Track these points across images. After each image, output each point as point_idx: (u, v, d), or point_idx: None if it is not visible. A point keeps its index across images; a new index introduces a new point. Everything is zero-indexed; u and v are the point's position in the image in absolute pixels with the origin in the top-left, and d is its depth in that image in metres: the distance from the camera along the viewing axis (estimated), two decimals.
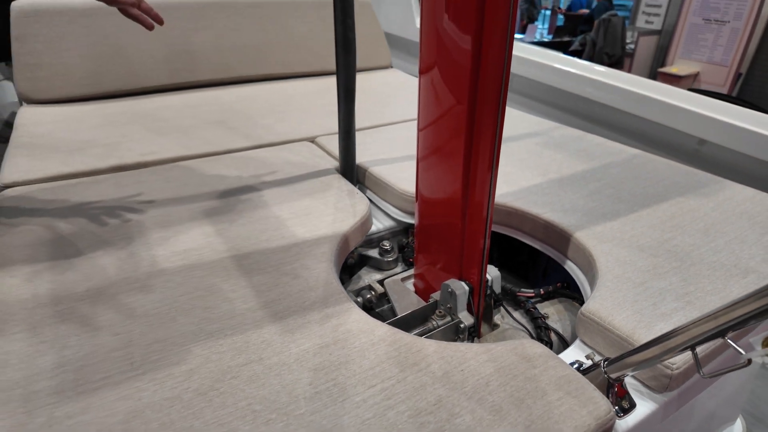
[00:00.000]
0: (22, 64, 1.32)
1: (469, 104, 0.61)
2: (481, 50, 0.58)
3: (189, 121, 1.25)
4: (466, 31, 0.57)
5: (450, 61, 0.61)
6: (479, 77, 0.60)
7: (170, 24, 1.52)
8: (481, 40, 0.57)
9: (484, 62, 0.58)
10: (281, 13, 1.71)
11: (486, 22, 0.56)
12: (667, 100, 1.35)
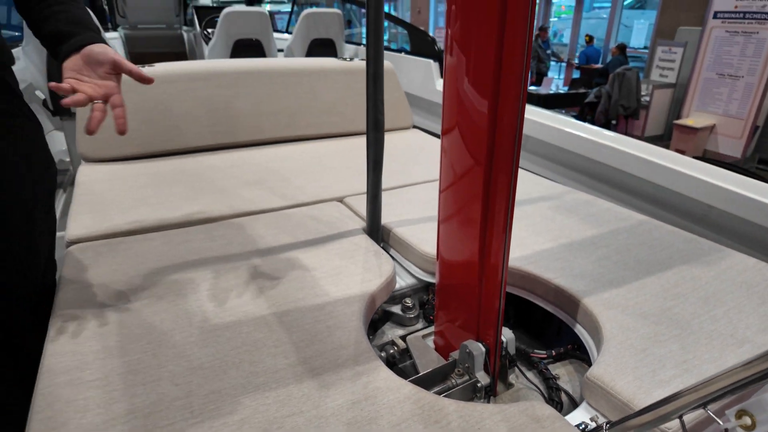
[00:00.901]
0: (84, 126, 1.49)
1: (486, 166, 0.67)
2: (497, 113, 0.64)
3: (230, 181, 1.38)
4: (484, 95, 0.64)
5: (469, 123, 0.67)
6: (495, 139, 0.66)
7: (213, 91, 1.70)
8: (497, 103, 0.64)
9: (500, 124, 0.65)
10: (311, 80, 1.88)
11: (502, 86, 0.63)
12: (676, 168, 1.43)
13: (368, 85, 0.97)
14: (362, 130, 1.95)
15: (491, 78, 0.63)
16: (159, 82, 1.61)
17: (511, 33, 0.61)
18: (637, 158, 1.53)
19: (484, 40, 0.62)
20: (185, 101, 1.64)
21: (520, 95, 0.63)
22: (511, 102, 0.63)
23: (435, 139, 1.95)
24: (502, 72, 0.63)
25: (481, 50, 0.63)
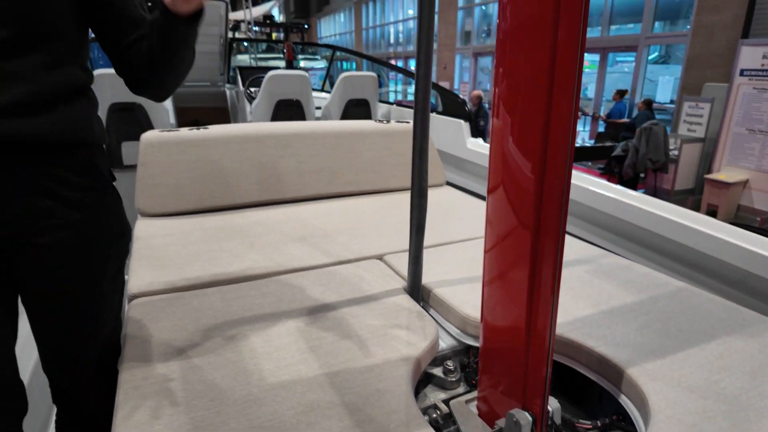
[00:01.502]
0: (144, 185, 1.62)
1: (533, 229, 0.67)
2: (545, 175, 0.64)
3: (276, 236, 1.46)
4: (530, 156, 0.64)
5: (515, 183, 0.67)
6: (543, 202, 0.65)
7: (262, 151, 1.82)
8: (545, 164, 0.63)
9: (547, 186, 0.64)
10: (351, 141, 2.00)
11: (549, 148, 0.63)
12: (714, 233, 1.44)
13: (414, 156, 1.05)
14: (397, 186, 2.03)
15: (538, 139, 0.63)
16: (213, 143, 1.75)
17: (559, 94, 0.61)
18: (673, 222, 1.55)
19: (532, 101, 0.63)
20: (236, 160, 1.77)
21: (567, 157, 0.63)
22: (559, 164, 0.63)
23: (468, 196, 2.01)
24: (549, 133, 0.62)
25: (528, 111, 0.64)
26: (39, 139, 0.76)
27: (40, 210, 0.79)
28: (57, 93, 0.78)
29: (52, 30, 0.77)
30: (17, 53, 0.73)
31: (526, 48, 0.64)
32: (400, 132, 2.10)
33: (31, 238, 0.79)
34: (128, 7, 0.86)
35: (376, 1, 16.54)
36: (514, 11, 0.65)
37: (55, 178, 0.79)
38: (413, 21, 14.30)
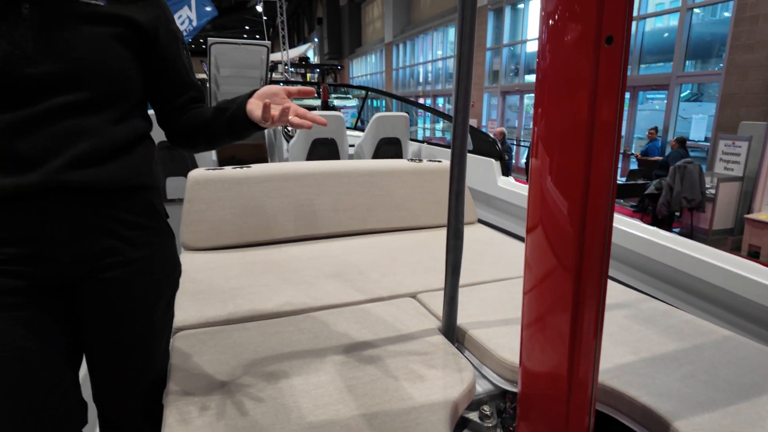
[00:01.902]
0: (189, 220, 1.70)
1: (575, 271, 0.65)
2: (586, 216, 0.62)
3: (312, 272, 1.50)
4: (570, 196, 0.63)
5: (555, 224, 0.65)
6: (585, 244, 0.63)
7: (300, 189, 1.89)
8: (586, 205, 0.62)
9: (589, 228, 0.62)
10: (384, 180, 2.05)
11: (591, 188, 0.61)
12: (759, 279, 1.39)
13: (450, 198, 1.08)
14: (429, 224, 2.06)
15: (579, 178, 0.62)
16: (255, 181, 1.83)
17: (600, 133, 0.61)
18: (715, 267, 1.51)
19: (572, 140, 0.63)
20: (275, 198, 1.84)
21: (609, 197, 0.62)
22: (600, 204, 0.62)
23: (499, 234, 2.02)
24: (590, 172, 0.61)
25: (568, 150, 0.63)
26: (106, 185, 0.84)
27: (106, 249, 0.85)
28: (122, 143, 0.86)
29: (122, 92, 0.86)
30: (92, 112, 0.82)
31: (566, 88, 0.64)
32: (432, 171, 2.14)
33: (97, 273, 0.85)
34: (181, 72, 0.95)
35: (406, 43, 17.11)
36: (553, 51, 0.65)
37: (118, 219, 0.86)
38: (441, 62, 14.70)
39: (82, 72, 0.79)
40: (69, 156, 0.79)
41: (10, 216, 0.79)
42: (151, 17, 0.89)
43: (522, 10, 10.90)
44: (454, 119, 1.02)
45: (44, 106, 0.77)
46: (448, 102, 15.34)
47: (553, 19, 0.65)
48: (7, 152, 0.76)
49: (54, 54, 0.77)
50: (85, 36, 0.80)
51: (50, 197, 0.79)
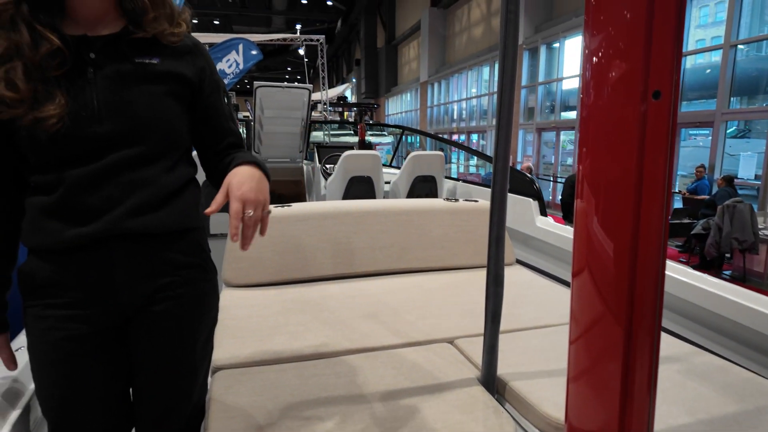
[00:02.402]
0: (232, 257, 1.75)
1: (625, 321, 0.61)
2: (636, 262, 0.59)
3: (349, 312, 1.51)
4: (618, 239, 0.60)
5: (603, 270, 0.62)
6: (635, 292, 0.60)
7: (338, 227, 1.93)
8: (636, 249, 0.59)
9: (639, 275, 0.59)
10: (421, 218, 2.06)
11: (641, 231, 0.59)
12: None
13: (490, 244, 1.08)
14: (465, 264, 2.04)
15: (628, 220, 0.59)
16: (295, 219, 1.88)
17: (650, 174, 0.58)
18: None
19: (618, 180, 0.60)
20: (313, 236, 1.88)
21: (661, 240, 0.59)
22: (652, 248, 0.59)
23: (539, 276, 1.97)
24: (640, 213, 0.59)
25: (615, 191, 0.61)
26: (160, 230, 0.90)
27: (159, 287, 0.91)
28: (173, 189, 0.92)
29: (174, 143, 0.93)
30: (148, 163, 0.88)
31: (612, 140, 0.62)
32: (468, 210, 2.14)
33: (148, 307, 0.91)
34: (222, 120, 1.02)
35: (441, 82, 17.48)
36: (597, 88, 0.64)
37: (170, 260, 0.92)
38: (476, 99, 14.88)
39: (141, 128, 0.86)
40: (129, 205, 0.86)
41: (74, 263, 0.86)
42: (198, 70, 0.94)
43: (557, 49, 10.98)
44: (494, 166, 1.03)
45: (107, 160, 0.84)
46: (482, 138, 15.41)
47: (597, 71, 0.64)
48: (74, 204, 0.83)
49: (116, 113, 0.84)
50: (143, 94, 0.87)
51: (111, 244, 0.86)
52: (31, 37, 0.79)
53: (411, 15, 19.40)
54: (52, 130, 0.80)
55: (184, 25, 0.92)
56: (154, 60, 0.88)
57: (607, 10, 0.64)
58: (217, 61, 6.31)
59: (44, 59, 0.79)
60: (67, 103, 0.81)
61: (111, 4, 0.85)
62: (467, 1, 14.86)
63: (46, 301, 0.87)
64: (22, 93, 0.78)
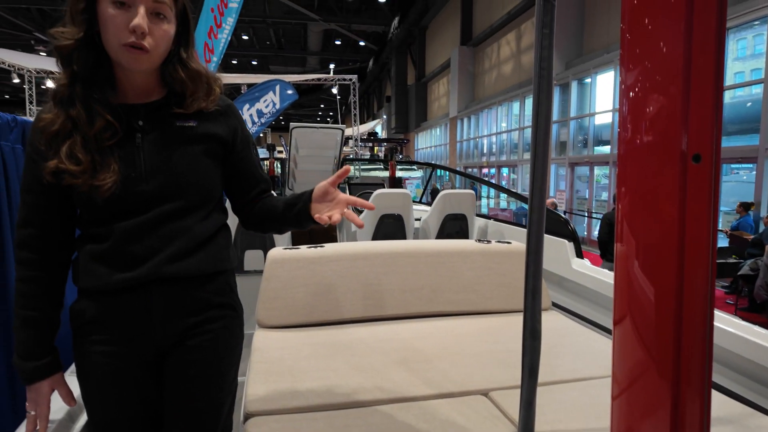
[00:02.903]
0: (266, 298, 1.78)
1: (672, 381, 0.58)
2: (683, 308, 0.56)
3: (379, 358, 1.49)
4: (662, 287, 0.57)
5: (645, 317, 0.59)
6: (681, 341, 0.57)
7: (369, 268, 1.93)
8: (681, 299, 0.56)
9: (686, 324, 0.57)
10: (452, 260, 2.04)
11: (685, 275, 0.55)
12: None
13: (526, 297, 1.05)
14: (499, 308, 1.99)
15: (672, 264, 0.57)
16: (327, 260, 1.90)
17: (693, 213, 0.56)
18: None
19: (661, 221, 0.57)
20: (345, 277, 1.89)
21: (707, 288, 0.55)
22: (698, 295, 0.55)
23: (576, 323, 1.90)
24: (684, 258, 0.56)
25: (657, 232, 0.58)
26: (195, 273, 0.99)
27: (191, 324, 1.00)
28: (207, 236, 1.01)
29: (210, 196, 1.02)
30: (187, 215, 0.98)
31: (652, 164, 0.60)
32: (501, 253, 2.11)
33: (183, 342, 1.00)
34: (252, 170, 1.11)
35: (470, 117, 17.65)
36: (635, 123, 0.62)
37: (202, 300, 1.01)
38: (506, 134, 14.90)
39: (181, 185, 0.96)
40: (169, 252, 0.95)
41: (119, 303, 0.96)
42: (230, 129, 1.04)
43: (589, 84, 10.95)
44: (529, 217, 1.02)
45: (152, 214, 0.94)
46: (513, 171, 15.32)
47: (635, 132, 0.63)
48: (121, 252, 0.93)
49: (160, 173, 0.94)
50: (184, 155, 0.96)
51: (151, 286, 0.95)
52: (86, 113, 0.89)
53: (440, 53, 19.88)
54: (107, 194, 0.90)
55: (218, 90, 1.02)
56: (193, 123, 0.98)
57: (642, 74, 0.64)
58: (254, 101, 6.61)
59: (99, 132, 0.90)
60: (120, 169, 0.91)
61: (155, 78, 0.96)
62: (496, 40, 15.14)
63: (92, 336, 0.97)
64: (83, 164, 0.89)
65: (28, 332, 0.95)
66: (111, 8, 0.85)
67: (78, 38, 0.88)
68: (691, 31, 0.58)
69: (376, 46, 23.22)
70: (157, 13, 0.88)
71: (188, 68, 0.96)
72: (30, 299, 0.95)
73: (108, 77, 0.92)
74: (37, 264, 0.95)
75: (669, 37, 0.60)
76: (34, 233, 0.94)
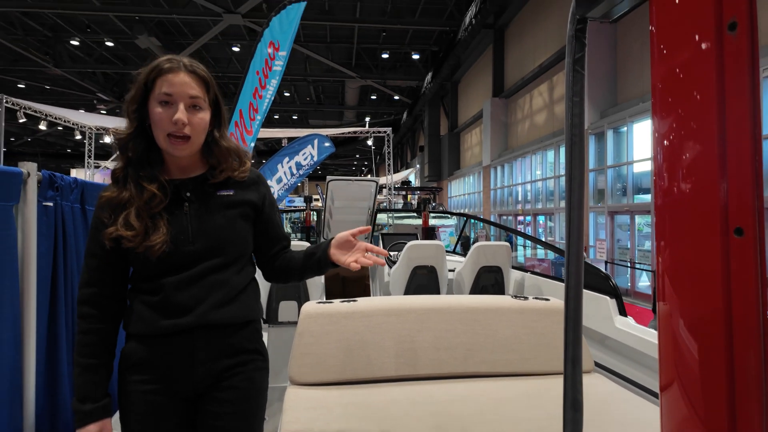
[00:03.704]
0: (298, 353, 1.78)
1: None
2: (734, 374, 0.52)
3: (413, 423, 1.44)
4: (707, 349, 0.54)
5: (694, 384, 0.56)
6: (735, 411, 0.53)
7: (402, 325, 1.91)
8: (732, 357, 0.53)
9: (739, 391, 0.53)
10: (487, 317, 1.99)
11: (735, 336, 0.52)
12: None
13: (566, 365, 1.01)
14: (538, 370, 1.90)
15: (719, 325, 0.54)
16: (360, 315, 1.89)
17: (741, 266, 0.54)
18: None
19: (705, 277, 0.55)
20: (377, 333, 1.87)
21: (761, 348, 0.52)
22: (751, 358, 0.52)
23: (621, 388, 1.79)
24: (732, 316, 0.54)
25: (702, 291, 0.55)
26: (231, 321, 1.15)
27: (226, 366, 1.14)
28: (241, 287, 1.17)
29: (244, 253, 1.20)
30: (225, 269, 1.15)
31: (691, 227, 0.58)
32: (538, 310, 2.04)
33: (218, 383, 1.13)
34: (276, 229, 1.28)
35: (504, 165, 17.67)
36: (671, 173, 0.60)
37: (236, 345, 1.16)
38: (541, 182, 14.77)
39: (222, 244, 1.14)
40: (211, 302, 1.11)
41: (165, 346, 1.11)
42: (261, 196, 1.23)
43: (625, 133, 10.83)
44: (566, 281, 1.00)
45: (197, 269, 1.11)
46: (549, 219, 15.02)
47: (671, 182, 0.62)
48: (171, 302, 1.10)
49: (205, 235, 1.12)
50: (224, 219, 1.15)
51: (195, 332, 1.11)
52: (136, 189, 1.09)
53: (473, 105, 20.31)
54: (159, 253, 1.07)
55: (248, 162, 1.23)
56: (230, 192, 1.18)
57: (676, 124, 0.63)
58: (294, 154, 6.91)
59: (147, 202, 1.08)
60: (169, 232, 1.09)
61: (196, 157, 1.17)
62: (528, 91, 15.37)
63: (137, 376, 1.10)
64: (137, 230, 1.07)
65: (88, 377, 1.08)
66: (158, 107, 1.08)
67: (131, 131, 1.10)
68: (724, 80, 0.57)
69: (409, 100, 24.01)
70: (193, 106, 1.10)
71: (221, 146, 1.16)
72: (91, 348, 1.09)
73: (157, 159, 1.14)
74: (98, 318, 1.11)
75: (701, 86, 0.59)
76: (96, 292, 1.11)
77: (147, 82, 1.09)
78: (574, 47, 0.89)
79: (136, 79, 1.11)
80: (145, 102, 1.10)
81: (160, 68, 1.09)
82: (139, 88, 1.10)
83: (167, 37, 17.38)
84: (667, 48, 0.64)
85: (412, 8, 16.24)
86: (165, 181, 1.12)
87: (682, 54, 0.61)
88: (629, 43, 10.76)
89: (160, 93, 1.08)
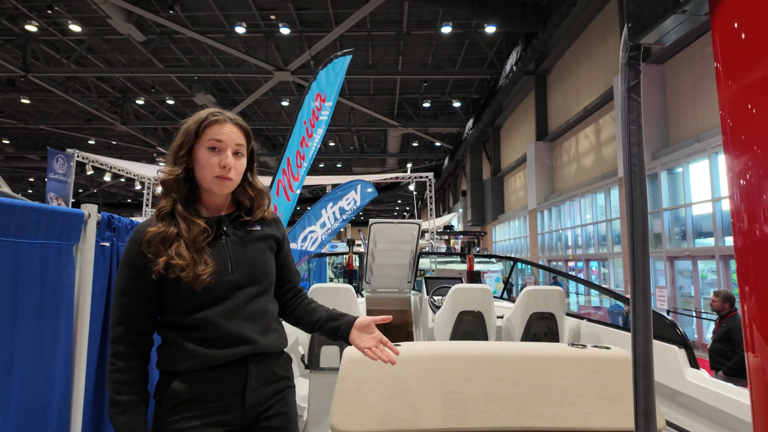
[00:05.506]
0: (341, 400, 1.70)
1: None
2: None
3: None
4: None
5: None
6: None
7: (448, 372, 1.80)
8: None
9: None
10: (542, 367, 1.85)
11: None
12: None
13: (638, 419, 0.89)
14: (600, 426, 1.72)
15: None
16: (403, 361, 1.81)
17: None
18: None
19: None
20: (422, 380, 1.77)
21: None
22: None
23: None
24: None
25: None
26: (272, 349, 1.25)
27: (272, 394, 1.25)
28: (274, 317, 1.29)
29: (272, 281, 1.32)
30: (261, 297, 1.26)
31: None
32: (599, 360, 1.88)
33: (266, 411, 1.24)
34: (290, 266, 1.42)
35: (551, 209, 17.21)
36: (750, 213, 0.56)
37: (276, 373, 1.27)
38: (592, 226, 14.20)
39: (257, 274, 1.25)
40: (258, 329, 1.22)
41: (218, 380, 1.16)
42: (281, 233, 1.37)
43: (680, 174, 10.35)
44: (633, 325, 0.90)
45: (236, 299, 1.20)
46: (603, 266, 14.29)
47: (752, 223, 0.58)
48: (223, 332, 1.17)
49: (242, 266, 1.23)
50: (255, 251, 1.27)
51: (248, 359, 1.20)
52: (186, 224, 1.18)
53: (516, 149, 20.21)
54: (205, 283, 1.15)
55: (268, 202, 1.38)
56: (258, 228, 1.31)
57: (752, 162, 0.57)
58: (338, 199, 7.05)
59: (196, 236, 1.18)
60: (213, 263, 1.18)
61: (229, 198, 1.31)
62: (574, 134, 15.16)
63: (187, 414, 1.13)
64: (187, 260, 1.15)
65: (132, 415, 1.11)
66: (207, 153, 1.20)
67: (180, 173, 1.20)
68: None
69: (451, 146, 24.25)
70: (236, 153, 1.24)
71: (255, 187, 1.31)
72: (132, 385, 1.13)
73: (197, 198, 1.26)
74: (136, 355, 1.16)
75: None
76: (128, 329, 1.15)
77: (197, 130, 1.20)
78: (629, 75, 0.86)
79: (181, 129, 1.23)
80: (191, 148, 1.20)
81: (210, 119, 1.21)
82: (189, 136, 1.20)
83: (222, 94, 18.75)
84: (735, 83, 0.61)
85: (453, 59, 16.74)
86: (206, 219, 1.22)
87: (753, 88, 0.58)
88: (679, 84, 10.50)
89: (209, 140, 1.20)
